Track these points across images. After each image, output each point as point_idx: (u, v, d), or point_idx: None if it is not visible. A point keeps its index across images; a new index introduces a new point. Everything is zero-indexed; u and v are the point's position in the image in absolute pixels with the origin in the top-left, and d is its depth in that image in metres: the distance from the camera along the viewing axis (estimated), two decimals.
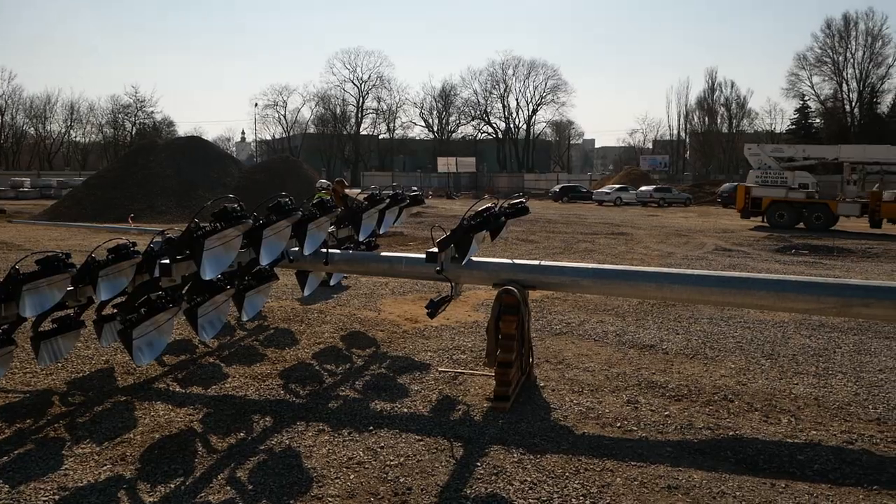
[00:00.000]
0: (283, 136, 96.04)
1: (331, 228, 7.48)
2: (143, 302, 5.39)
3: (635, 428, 5.30)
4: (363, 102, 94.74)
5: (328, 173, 72.20)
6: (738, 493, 4.24)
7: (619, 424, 5.36)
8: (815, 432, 5.26)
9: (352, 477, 4.40)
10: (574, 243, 19.34)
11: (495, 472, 4.50)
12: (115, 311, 6.25)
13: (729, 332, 8.46)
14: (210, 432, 5.10)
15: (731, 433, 5.22)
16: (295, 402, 5.79)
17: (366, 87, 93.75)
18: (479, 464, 4.61)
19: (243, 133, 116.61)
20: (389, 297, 10.47)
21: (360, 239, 7.72)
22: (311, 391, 6.08)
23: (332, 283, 9.88)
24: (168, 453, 4.71)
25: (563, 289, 7.05)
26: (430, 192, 55.83)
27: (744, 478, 4.46)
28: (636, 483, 4.38)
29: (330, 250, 6.83)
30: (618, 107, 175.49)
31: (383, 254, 7.29)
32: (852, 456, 4.84)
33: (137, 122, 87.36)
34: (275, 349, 7.40)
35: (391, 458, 4.69)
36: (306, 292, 7.78)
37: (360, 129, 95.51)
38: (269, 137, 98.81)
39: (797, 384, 6.43)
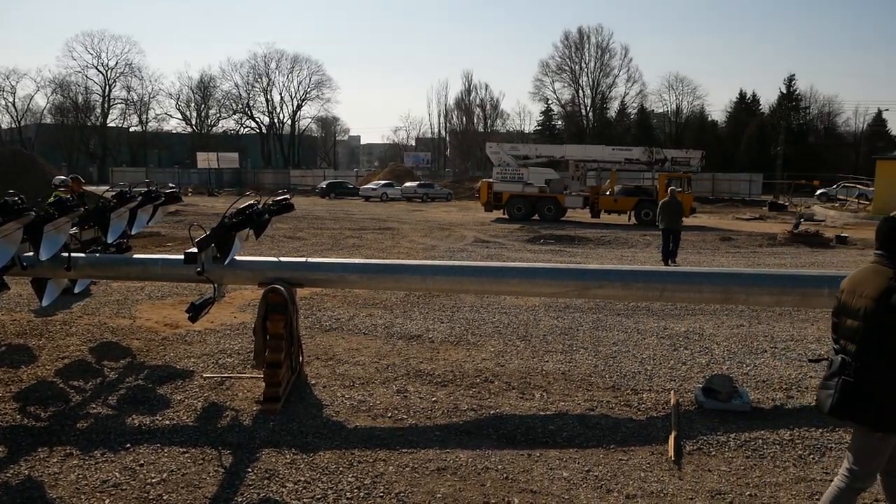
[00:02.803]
0: (13, 126, 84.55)
1: (73, 230, 6.80)
2: None
3: (405, 416, 5.48)
4: (110, 91, 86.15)
5: (70, 168, 65.15)
6: (500, 467, 4.57)
7: (389, 414, 5.50)
8: (563, 403, 5.83)
9: (107, 502, 4.04)
10: (342, 239, 19.43)
11: (267, 475, 4.39)
12: None
13: (488, 318, 9.05)
14: None
15: (492, 412, 5.60)
16: (35, 427, 5.16)
17: (113, 75, 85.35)
18: (249, 469, 4.47)
19: None
20: (146, 302, 9.73)
21: (109, 241, 7.11)
22: (54, 412, 5.46)
23: (76, 290, 8.95)
24: None
25: (332, 285, 7.07)
26: (190, 189, 52.71)
27: (504, 452, 4.82)
28: (408, 469, 4.53)
29: (73, 254, 6.20)
30: (382, 105, 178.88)
31: (136, 256, 6.78)
32: (594, 421, 5.44)
33: None
34: (8, 368, 6.52)
35: (152, 475, 4.38)
36: (45, 302, 6.96)
37: (108, 121, 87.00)
38: None
39: (548, 361, 7.07)
